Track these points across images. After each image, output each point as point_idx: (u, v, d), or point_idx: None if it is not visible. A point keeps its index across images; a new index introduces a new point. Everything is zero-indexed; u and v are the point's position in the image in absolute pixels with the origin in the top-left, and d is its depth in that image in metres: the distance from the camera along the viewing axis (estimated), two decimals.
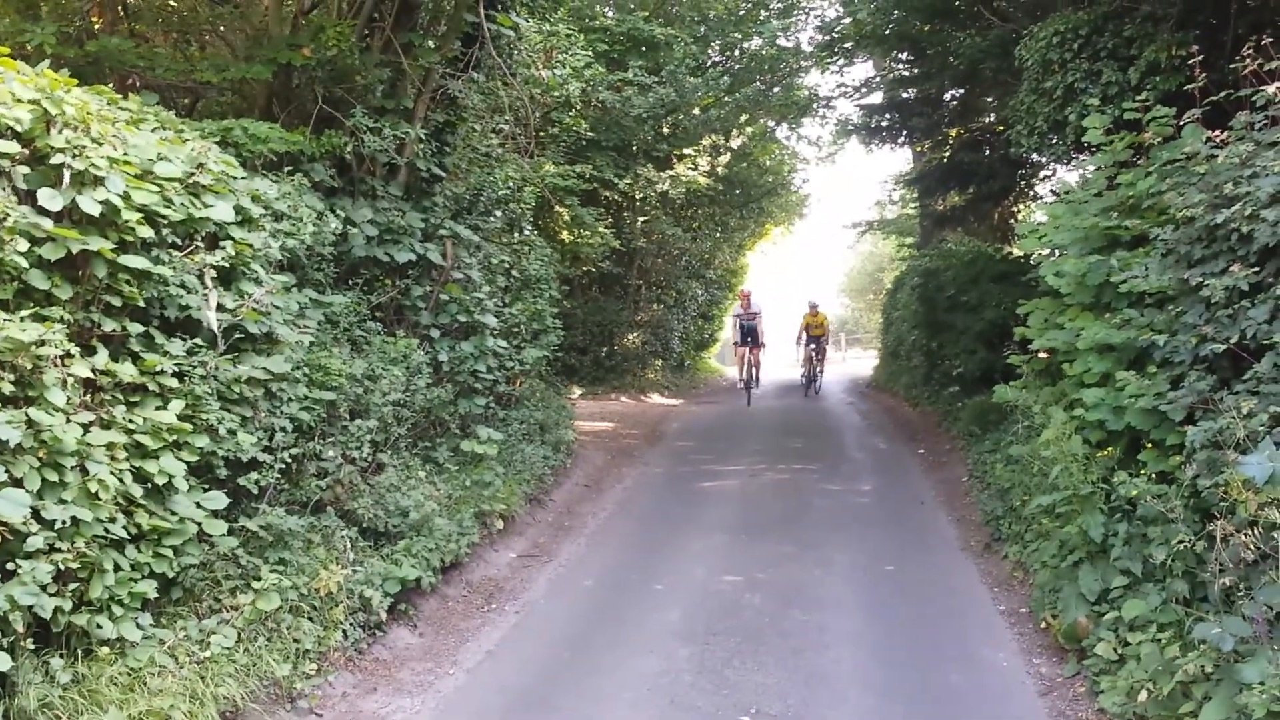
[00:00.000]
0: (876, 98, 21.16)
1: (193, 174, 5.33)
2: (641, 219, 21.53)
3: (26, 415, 4.04)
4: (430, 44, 8.71)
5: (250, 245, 5.64)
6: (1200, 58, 6.61)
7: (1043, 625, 6.12)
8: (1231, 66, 6.20)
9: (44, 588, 3.92)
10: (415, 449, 8.31)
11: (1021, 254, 12.09)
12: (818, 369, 21.69)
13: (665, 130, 19.95)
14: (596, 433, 14.37)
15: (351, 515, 6.68)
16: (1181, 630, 4.79)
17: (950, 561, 7.91)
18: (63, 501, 4.13)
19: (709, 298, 27.14)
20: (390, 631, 6.36)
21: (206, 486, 5.14)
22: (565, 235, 17.66)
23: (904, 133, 19.94)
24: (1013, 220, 17.47)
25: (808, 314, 21.23)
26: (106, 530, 4.33)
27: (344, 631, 5.86)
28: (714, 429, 15.83)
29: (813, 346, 21.30)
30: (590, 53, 15.35)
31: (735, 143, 23.91)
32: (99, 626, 4.35)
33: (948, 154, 18.88)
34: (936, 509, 9.64)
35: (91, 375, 4.53)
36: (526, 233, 12.29)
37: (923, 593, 7.10)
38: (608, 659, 6.02)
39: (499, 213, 11.02)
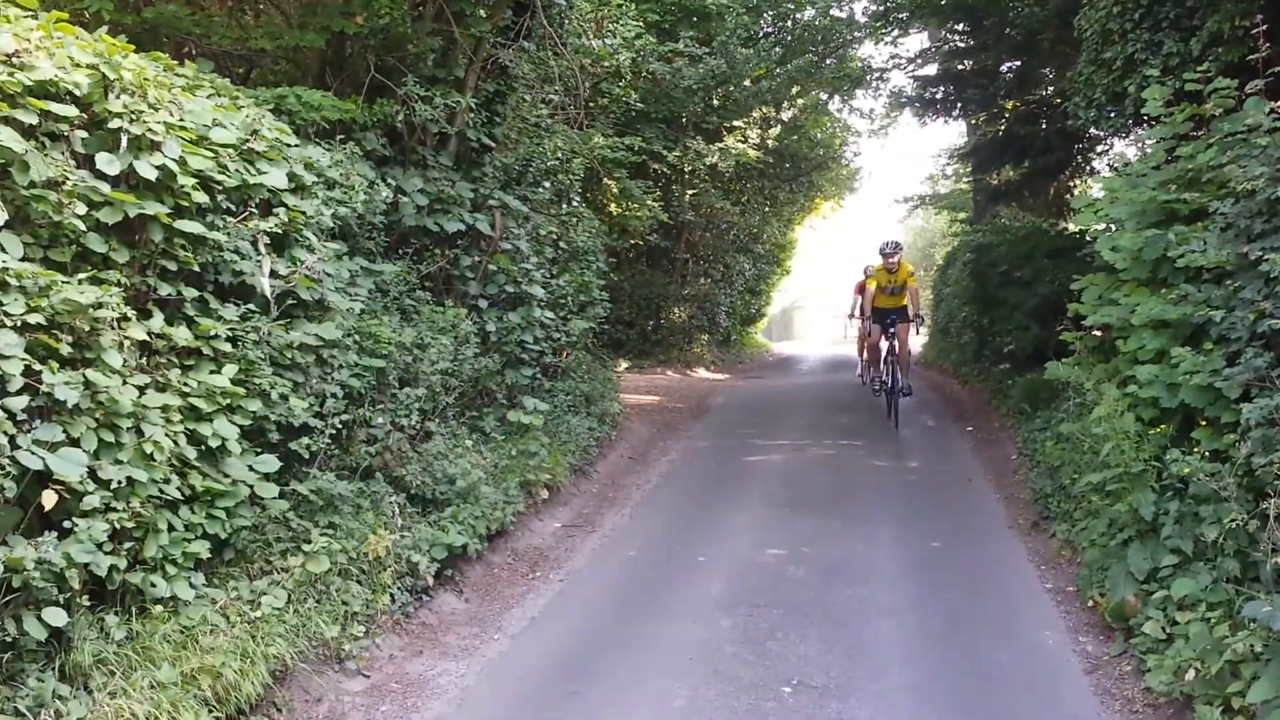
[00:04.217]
0: (931, 69, 20.80)
1: (247, 140, 5.40)
2: (690, 192, 21.41)
3: (84, 377, 4.12)
4: (481, 12, 8.70)
5: (303, 212, 5.71)
6: (1264, 28, 6.44)
7: (1090, 604, 6.05)
8: None
9: (100, 546, 4.01)
10: (462, 418, 8.38)
11: (1077, 229, 11.90)
12: (897, 368, 12.52)
13: (715, 102, 19.81)
14: (641, 405, 14.39)
15: (400, 482, 6.77)
16: (1231, 609, 4.72)
17: (997, 539, 7.83)
18: (119, 462, 4.21)
19: (756, 272, 27.02)
20: (437, 596, 6.45)
21: (259, 450, 5.24)
22: (613, 207, 17.64)
23: (959, 105, 19.62)
24: (1069, 195, 17.16)
25: (877, 267, 12.72)
26: (161, 491, 4.42)
27: (391, 595, 5.95)
28: (759, 403, 15.78)
29: (889, 329, 12.44)
30: (641, 23, 15.28)
31: (786, 115, 23.72)
32: (153, 585, 4.47)
33: (1003, 127, 18.55)
34: (984, 486, 9.55)
35: (147, 338, 4.61)
36: (575, 204, 12.29)
37: (968, 570, 7.05)
38: (650, 628, 6.05)
39: (547, 184, 11.04)
